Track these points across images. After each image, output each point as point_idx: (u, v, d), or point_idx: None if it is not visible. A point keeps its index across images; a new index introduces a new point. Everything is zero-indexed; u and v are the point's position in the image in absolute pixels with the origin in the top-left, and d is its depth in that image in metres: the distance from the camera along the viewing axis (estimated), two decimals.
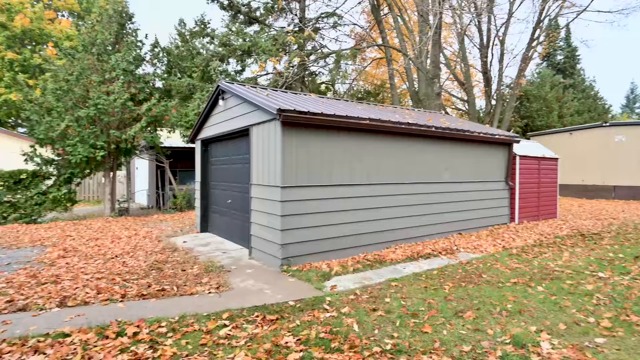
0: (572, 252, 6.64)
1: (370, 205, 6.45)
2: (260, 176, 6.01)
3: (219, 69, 12.43)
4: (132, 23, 12.73)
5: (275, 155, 5.52)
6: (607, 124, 17.64)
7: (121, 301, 4.24)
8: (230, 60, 13.11)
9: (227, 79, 13.21)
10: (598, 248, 6.93)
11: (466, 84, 20.04)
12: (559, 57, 31.13)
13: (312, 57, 13.86)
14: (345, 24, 15.46)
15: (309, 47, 14.78)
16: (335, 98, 8.98)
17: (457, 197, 7.90)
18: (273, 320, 3.71)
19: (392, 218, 6.78)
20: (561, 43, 30.39)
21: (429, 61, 12.65)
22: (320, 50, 14.58)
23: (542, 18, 18.37)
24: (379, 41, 14.82)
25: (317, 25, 15.13)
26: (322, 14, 14.94)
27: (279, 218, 5.42)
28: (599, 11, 17.83)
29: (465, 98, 21.11)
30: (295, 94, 8.00)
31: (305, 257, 5.71)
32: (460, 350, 3.11)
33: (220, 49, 12.50)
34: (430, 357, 2.99)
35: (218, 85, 7.29)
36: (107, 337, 3.29)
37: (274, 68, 12.92)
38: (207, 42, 12.69)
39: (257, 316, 3.79)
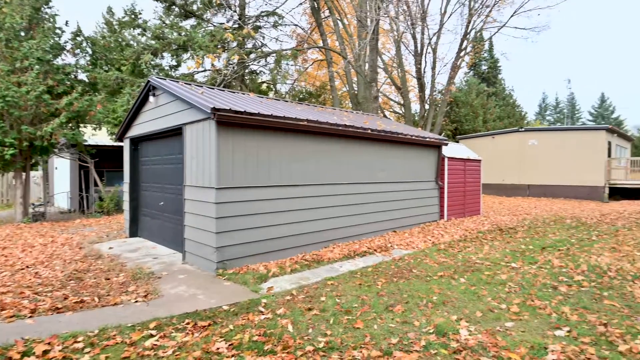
0: (492, 245, 7.29)
1: (308, 205, 6.52)
2: (194, 177, 5.78)
3: (152, 62, 11.70)
4: (50, 7, 11.50)
5: (210, 156, 5.34)
6: (523, 129, 19.67)
7: (30, 317, 3.81)
8: (165, 54, 12.42)
9: (160, 74, 12.51)
10: (513, 241, 7.69)
11: (402, 89, 21.11)
12: (483, 67, 34.09)
13: (253, 56, 13.66)
14: (286, 24, 15.48)
15: (249, 46, 14.54)
16: (275, 98, 8.94)
17: (392, 197, 8.29)
18: (205, 326, 3.58)
19: (330, 218, 6.91)
20: (485, 54, 33.34)
21: (367, 65, 13.12)
22: (260, 49, 14.40)
23: (468, 31, 19.94)
24: (320, 43, 15.05)
25: (258, 23, 14.94)
26: (262, 12, 14.79)
27: (214, 220, 5.25)
28: (515, 27, 19.88)
29: (402, 102, 22.21)
30: (233, 92, 7.81)
31: (243, 260, 5.61)
32: (389, 342, 3.26)
33: (153, 41, 11.77)
34: (361, 352, 3.09)
35: (148, 81, 6.87)
36: (10, 359, 2.93)
37: (212, 65, 12.51)
38: (139, 34, 11.90)
39: (188, 323, 3.63)
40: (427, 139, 8.95)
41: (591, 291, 4.54)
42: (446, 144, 9.65)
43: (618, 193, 17.68)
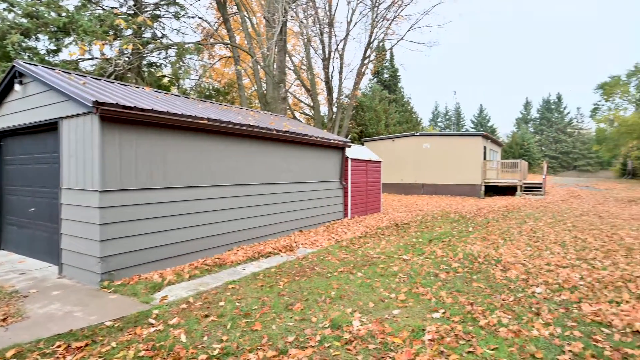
0: (388, 240, 7.91)
1: (210, 207, 6.25)
2: (73, 179, 5.09)
3: (22, 44, 9.96)
4: None
5: (93, 156, 4.76)
6: (418, 134, 21.80)
7: None
8: (41, 36, 10.68)
9: (34, 59, 10.77)
10: (406, 235, 8.45)
11: (312, 91, 21.68)
12: (385, 75, 36.87)
13: (151, 47, 12.58)
14: (190, 16, 14.63)
15: (148, 35, 13.36)
16: (175, 94, 8.38)
17: (298, 197, 8.43)
18: (81, 347, 3.18)
19: (234, 220, 6.74)
20: (387, 64, 36.12)
21: (275, 66, 13.13)
22: (160, 40, 13.35)
23: (371, 40, 21.38)
24: (227, 40, 14.59)
25: (157, 12, 13.83)
26: (162, 0, 13.70)
27: (97, 227, 4.69)
28: (412, 41, 21.92)
29: (312, 104, 22.80)
30: (125, 85, 7.11)
31: (134, 269, 5.12)
32: (285, 341, 3.30)
33: (24, 20, 10.02)
34: (257, 354, 3.07)
35: (13, 66, 5.84)
36: None
37: (102, 53, 11.17)
38: (5, 9, 9.98)
39: (59, 346, 3.18)
40: (332, 141, 9.32)
41: (464, 276, 5.22)
42: (349, 146, 10.18)
43: (491, 190, 20.74)
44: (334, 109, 21.87)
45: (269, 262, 6.02)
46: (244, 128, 6.66)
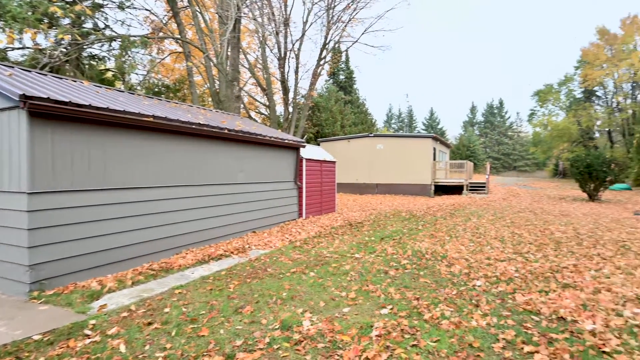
0: (342, 239, 8.02)
1: (157, 209, 5.96)
2: None
3: None
4: None
5: (20, 154, 4.35)
6: (372, 135, 22.35)
7: None
8: None
9: None
10: (359, 234, 8.62)
11: (268, 91, 21.46)
12: (341, 77, 37.43)
13: (93, 38, 11.69)
14: (136, 8, 13.85)
15: (89, 25, 12.43)
16: (119, 89, 7.89)
17: (252, 197, 8.29)
18: None
19: (183, 222, 6.48)
20: (343, 65, 36.69)
21: (229, 63, 12.83)
22: (102, 32, 12.48)
23: (327, 41, 21.60)
24: (178, 34, 14.00)
25: (99, 1, 12.90)
26: None
27: (25, 232, 4.29)
28: (366, 44, 22.50)
29: (268, 104, 22.58)
30: (61, 78, 6.57)
31: (70, 277, 4.75)
32: (233, 345, 3.22)
33: None
34: None
35: None
36: None
37: (34, 43, 10.22)
38: None
39: None
40: (286, 141, 9.28)
41: (412, 272, 5.42)
42: (304, 146, 10.20)
43: (441, 189, 21.78)
44: (290, 109, 21.82)
45: (219, 265, 5.86)
46: (194, 127, 6.43)
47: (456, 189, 21.42)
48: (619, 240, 7.69)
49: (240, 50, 20.49)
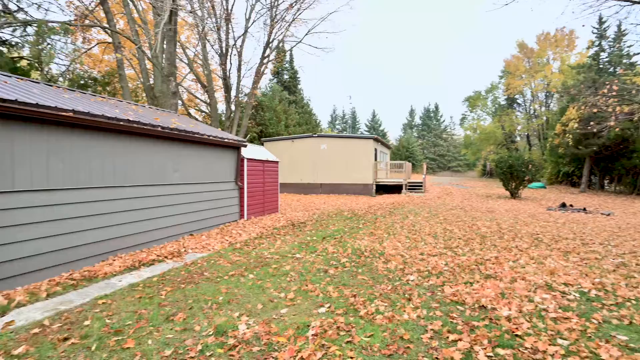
0: (284, 239, 7.96)
1: (77, 213, 5.44)
2: None
3: None
4: None
5: None
6: (316, 135, 22.54)
7: None
8: None
9: None
10: (302, 234, 8.63)
11: (208, 88, 20.68)
12: (285, 76, 37.30)
13: (2, 20, 10.30)
14: None
15: None
16: (34, 80, 7.07)
17: (189, 199, 7.92)
18: None
19: (110, 226, 5.99)
20: (287, 65, 36.58)
21: (164, 57, 12.12)
22: (12, 14, 11.04)
23: (270, 40, 21.37)
24: (106, 23, 12.90)
25: None
26: None
27: None
28: (310, 45, 22.58)
29: (208, 101, 21.75)
30: None
31: None
32: (162, 356, 3.03)
33: None
34: None
35: None
36: None
37: None
38: None
39: None
40: (226, 140, 8.99)
41: (351, 270, 5.54)
42: (245, 146, 9.97)
43: (382, 189, 22.62)
44: (233, 107, 21.25)
45: (151, 271, 5.50)
46: (122, 123, 5.96)
47: (396, 189, 22.39)
48: (533, 234, 8.56)
49: (179, 44, 19.54)
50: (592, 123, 15.39)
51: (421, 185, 22.62)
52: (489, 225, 9.75)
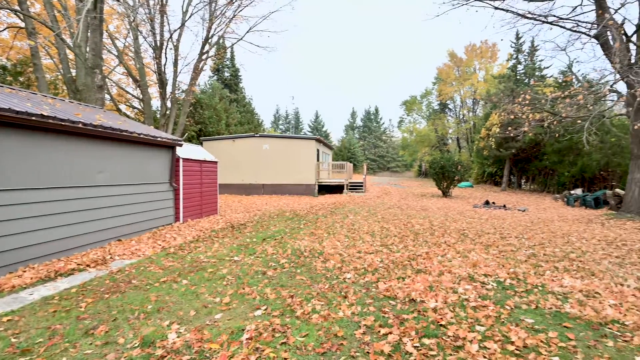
0: (222, 242, 7.72)
1: None
2: None
3: None
4: None
5: None
6: (258, 135, 22.21)
7: None
8: None
9: None
10: (241, 236, 8.44)
11: (141, 82, 19.37)
12: (226, 74, 36.27)
13: None
14: None
15: None
16: None
17: (116, 202, 7.34)
18: None
19: (18, 233, 5.34)
20: (228, 62, 35.58)
21: (88, 47, 11.09)
22: None
23: (210, 35, 20.61)
24: (17, 5, 11.44)
25: None
26: None
27: None
28: (251, 43, 22.21)
29: (141, 97, 20.38)
30: None
31: None
32: None
33: None
34: None
35: None
36: None
37: None
38: None
39: None
40: (159, 139, 8.48)
41: (290, 271, 5.53)
42: (181, 145, 9.49)
43: (324, 189, 22.94)
44: (169, 104, 20.15)
45: (70, 281, 5.00)
46: (33, 119, 5.35)
47: (338, 189, 22.85)
48: (460, 230, 9.25)
49: (107, 33, 18.10)
50: (509, 128, 17.05)
51: (362, 185, 23.34)
52: (422, 222, 10.34)
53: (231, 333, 3.40)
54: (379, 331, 3.40)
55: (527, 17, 12.78)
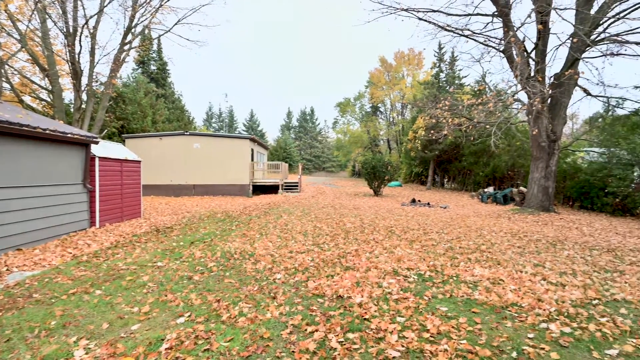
0: (144, 247, 7.19)
1: None
2: None
3: None
4: None
5: None
6: (188, 133, 21.13)
7: None
8: None
9: None
10: (167, 240, 7.95)
11: (50, 72, 17.28)
12: (153, 67, 33.93)
13: None
14: None
15: None
16: None
17: (14, 206, 6.45)
18: None
19: None
20: (155, 55, 33.32)
21: None
22: None
23: (133, 25, 19.11)
24: None
25: None
26: None
27: None
28: (180, 36, 20.99)
29: (50, 88, 18.18)
30: None
31: None
32: None
33: None
34: None
35: None
36: None
37: None
38: None
39: None
40: (70, 135, 7.63)
41: (218, 274, 5.34)
42: (97, 142, 8.63)
43: (259, 189, 22.59)
44: (84, 97, 18.28)
45: None
46: None
47: (273, 189, 22.67)
48: (388, 227, 9.73)
49: (6, 14, 15.90)
50: (432, 131, 18.41)
51: (297, 185, 23.44)
52: (354, 221, 10.69)
53: (149, 344, 3.18)
54: (306, 329, 3.43)
55: (447, 30, 13.88)
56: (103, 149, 9.31)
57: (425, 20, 14.10)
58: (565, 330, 3.46)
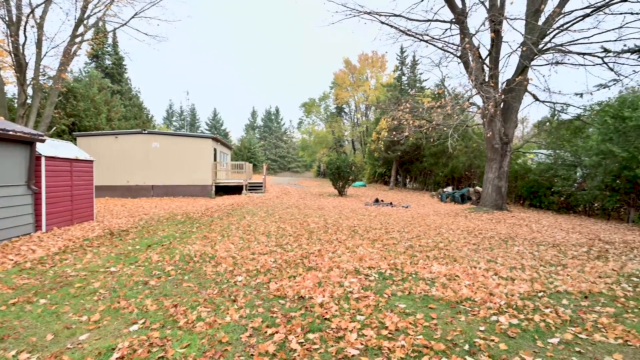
0: (96, 252, 6.80)
1: None
2: None
3: None
4: None
5: None
6: (146, 132, 20.25)
7: None
8: None
9: None
10: (121, 244, 7.56)
11: None
12: (108, 62, 32.19)
13: None
14: None
15: None
16: None
17: None
18: None
19: None
20: (110, 49, 31.63)
21: None
22: None
23: (85, 16, 18.06)
24: None
25: None
26: None
27: None
28: (137, 30, 20.06)
29: None
30: None
31: None
32: None
33: None
34: None
35: None
36: None
37: None
38: None
39: None
40: (11, 132, 7.05)
41: (176, 278, 5.16)
42: (43, 141, 8.04)
43: (222, 190, 22.09)
44: (30, 92, 17.02)
45: None
46: None
47: (237, 189, 22.26)
48: (351, 226, 9.86)
49: None
50: (394, 132, 18.89)
51: (261, 186, 23.17)
52: (317, 221, 10.73)
53: (98, 354, 3.01)
54: (266, 332, 3.39)
55: (408, 34, 14.31)
56: (51, 147, 8.70)
57: (388, 24, 14.44)
58: (514, 322, 3.67)
